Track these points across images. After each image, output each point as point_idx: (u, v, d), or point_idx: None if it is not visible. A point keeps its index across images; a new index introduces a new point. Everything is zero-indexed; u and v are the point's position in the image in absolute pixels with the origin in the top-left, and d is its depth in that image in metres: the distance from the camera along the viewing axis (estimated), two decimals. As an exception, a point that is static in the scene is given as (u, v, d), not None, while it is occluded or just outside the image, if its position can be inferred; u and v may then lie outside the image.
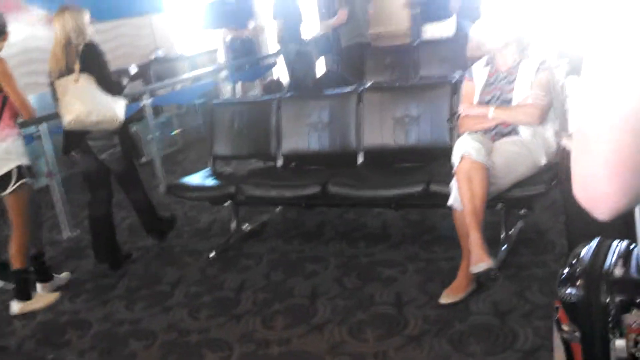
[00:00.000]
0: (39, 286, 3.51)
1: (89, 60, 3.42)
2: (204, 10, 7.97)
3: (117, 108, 3.52)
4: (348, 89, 3.92)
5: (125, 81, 3.93)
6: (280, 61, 6.99)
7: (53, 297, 3.47)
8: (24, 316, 3.33)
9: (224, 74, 6.76)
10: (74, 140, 3.56)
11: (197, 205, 4.66)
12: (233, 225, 3.92)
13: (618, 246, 1.03)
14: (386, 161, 3.65)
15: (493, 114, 2.88)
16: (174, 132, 6.67)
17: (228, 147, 4.09)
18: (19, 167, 3.26)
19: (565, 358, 1.32)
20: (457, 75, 3.79)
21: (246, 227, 4.01)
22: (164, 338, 2.84)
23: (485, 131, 2.91)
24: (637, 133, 0.57)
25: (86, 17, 3.49)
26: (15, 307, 3.36)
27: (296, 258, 3.48)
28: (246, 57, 7.49)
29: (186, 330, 2.87)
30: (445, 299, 2.66)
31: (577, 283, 1.32)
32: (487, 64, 3.05)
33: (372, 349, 2.44)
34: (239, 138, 4.03)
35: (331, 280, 3.12)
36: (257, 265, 3.49)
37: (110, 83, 3.53)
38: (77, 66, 3.39)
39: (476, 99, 3.02)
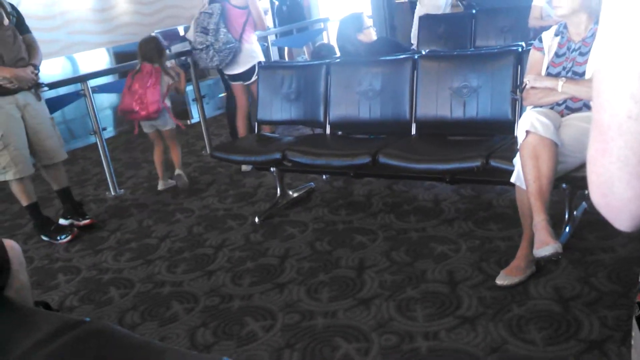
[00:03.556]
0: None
1: None
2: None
3: None
4: (402, 55, 3.73)
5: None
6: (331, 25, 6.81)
7: None
8: (69, 270, 3.35)
9: (271, 38, 6.61)
10: None
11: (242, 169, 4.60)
12: (278, 191, 3.84)
13: None
14: (441, 133, 3.48)
15: (562, 88, 2.67)
16: (221, 95, 6.59)
17: (274, 112, 3.97)
18: (260, 63, 4.42)
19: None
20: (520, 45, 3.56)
21: (292, 194, 3.93)
22: (205, 302, 2.78)
23: (553, 106, 2.72)
24: None
25: None
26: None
27: (343, 228, 3.37)
28: (293, 23, 7.32)
29: (229, 296, 2.81)
30: (502, 280, 2.51)
31: (667, 276, 1.17)
32: (557, 34, 2.83)
33: (422, 328, 2.31)
34: (285, 103, 3.92)
35: (379, 253, 3.00)
36: (302, 233, 3.40)
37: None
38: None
39: (544, 70, 2.81)
